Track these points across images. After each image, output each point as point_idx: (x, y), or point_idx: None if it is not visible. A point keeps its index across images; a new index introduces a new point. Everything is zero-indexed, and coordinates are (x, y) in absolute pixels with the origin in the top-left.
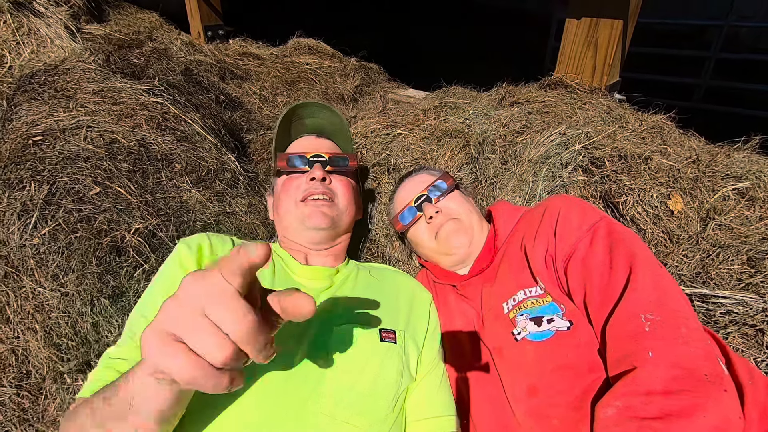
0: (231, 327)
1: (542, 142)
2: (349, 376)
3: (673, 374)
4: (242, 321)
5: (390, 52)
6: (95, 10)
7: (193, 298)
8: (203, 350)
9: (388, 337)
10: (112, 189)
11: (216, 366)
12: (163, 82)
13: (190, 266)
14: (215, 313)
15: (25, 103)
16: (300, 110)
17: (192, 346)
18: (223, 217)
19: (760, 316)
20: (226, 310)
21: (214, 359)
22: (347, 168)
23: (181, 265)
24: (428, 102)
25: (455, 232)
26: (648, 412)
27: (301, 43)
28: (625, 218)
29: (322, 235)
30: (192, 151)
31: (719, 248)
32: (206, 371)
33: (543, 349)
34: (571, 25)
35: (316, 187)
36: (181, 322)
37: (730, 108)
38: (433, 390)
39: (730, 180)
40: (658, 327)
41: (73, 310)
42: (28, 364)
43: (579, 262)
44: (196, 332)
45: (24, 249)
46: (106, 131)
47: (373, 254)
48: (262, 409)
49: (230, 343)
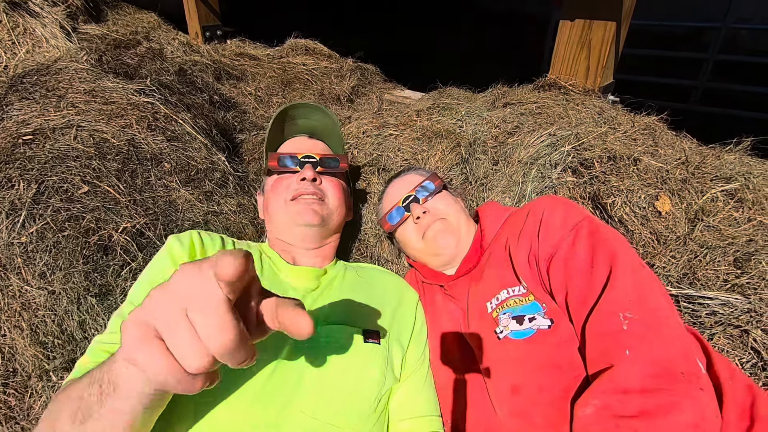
0: (212, 339)
1: (532, 143)
2: (332, 377)
3: (649, 372)
4: (223, 335)
5: (387, 54)
6: (93, 10)
7: (181, 295)
8: (179, 354)
9: (372, 337)
10: (101, 188)
11: (190, 372)
12: (155, 82)
13: (181, 259)
14: (198, 320)
15: (17, 103)
16: (293, 111)
17: (170, 346)
18: (211, 216)
19: (745, 317)
20: (210, 318)
21: (189, 366)
22: (338, 169)
23: (172, 259)
24: (422, 103)
25: (442, 232)
26: (625, 411)
27: (298, 43)
28: (613, 219)
29: (312, 233)
30: (182, 150)
31: (707, 249)
32: (179, 376)
33: (524, 347)
34: (564, 26)
35: (306, 187)
36: (163, 317)
37: (727, 110)
38: (417, 390)
39: (719, 181)
40: (636, 325)
41: (60, 309)
42: (15, 362)
43: (561, 262)
44: (176, 334)
45: (12, 247)
46: (96, 131)
47: (362, 254)
48: (242, 408)
49: (208, 354)
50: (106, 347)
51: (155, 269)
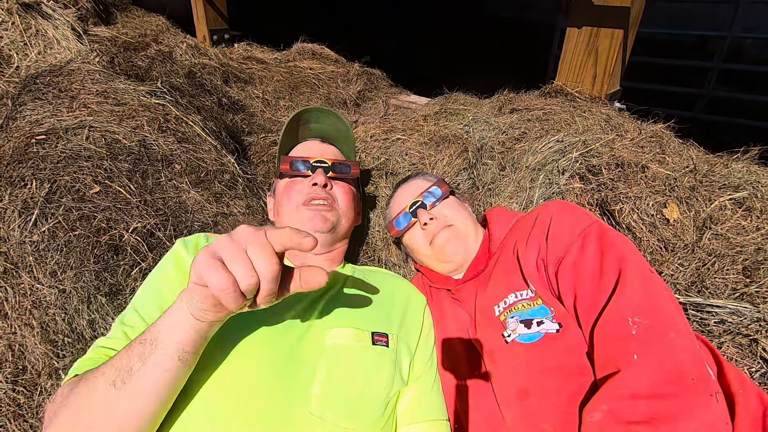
0: (261, 266)
1: (540, 149)
2: (340, 379)
3: (658, 378)
4: (270, 265)
5: (394, 58)
6: (103, 13)
7: (242, 238)
8: (236, 273)
9: (380, 340)
10: (112, 188)
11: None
12: (166, 84)
13: (185, 265)
14: (253, 253)
15: (30, 103)
16: (306, 114)
17: (230, 268)
18: (221, 217)
19: (754, 325)
20: (262, 254)
21: (242, 281)
22: (349, 175)
23: (177, 264)
24: (429, 108)
25: (451, 241)
26: (634, 416)
27: (305, 47)
28: (621, 226)
29: (322, 239)
30: (192, 152)
31: (715, 257)
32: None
33: (532, 351)
34: (572, 34)
35: (317, 192)
36: (227, 251)
37: (732, 118)
38: (425, 394)
39: (728, 190)
40: (644, 331)
41: (70, 307)
42: (24, 360)
43: (570, 266)
44: (236, 260)
45: (24, 246)
46: (108, 131)
47: (369, 258)
48: (249, 405)
49: (256, 276)
50: (107, 351)
51: (159, 274)
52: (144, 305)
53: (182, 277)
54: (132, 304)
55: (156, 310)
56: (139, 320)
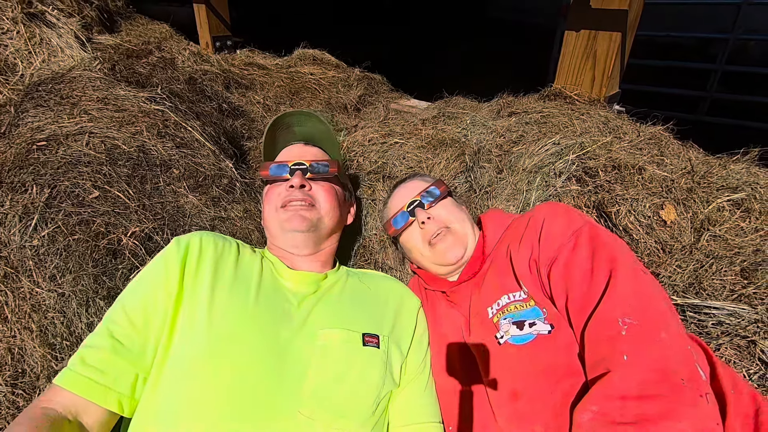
0: None
1: (537, 151)
2: (330, 379)
3: (648, 378)
4: None
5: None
6: (107, 21)
7: None
8: None
9: (371, 341)
10: (111, 193)
11: None
12: (165, 90)
13: (174, 265)
14: None
15: (32, 110)
16: (288, 119)
17: None
18: (218, 221)
19: (752, 327)
20: None
21: None
22: (327, 174)
23: (166, 264)
24: (428, 112)
25: (451, 245)
26: (623, 417)
27: (306, 53)
28: (617, 228)
29: (303, 238)
30: (190, 157)
31: (713, 259)
32: None
33: (524, 352)
34: (570, 37)
35: (295, 194)
36: None
37: (735, 120)
38: (418, 396)
39: (726, 191)
40: (634, 331)
41: (69, 311)
42: (24, 363)
43: (561, 267)
44: None
45: (24, 250)
46: (108, 137)
47: (366, 260)
48: (239, 404)
49: None
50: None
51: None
52: (129, 302)
53: (170, 276)
54: (120, 299)
55: (139, 308)
56: (123, 317)
